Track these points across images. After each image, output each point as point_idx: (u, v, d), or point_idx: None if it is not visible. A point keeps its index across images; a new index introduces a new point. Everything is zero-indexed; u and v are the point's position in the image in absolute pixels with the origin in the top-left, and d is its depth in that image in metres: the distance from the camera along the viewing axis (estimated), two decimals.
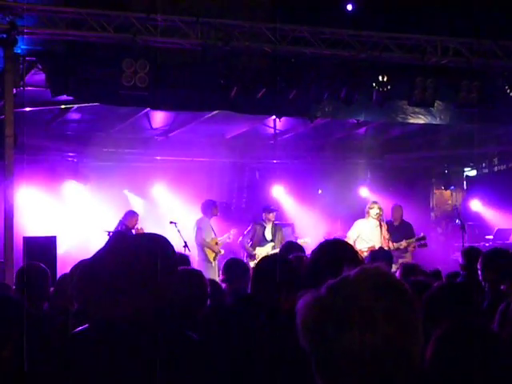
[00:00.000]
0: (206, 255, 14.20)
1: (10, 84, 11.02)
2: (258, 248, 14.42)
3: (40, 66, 11.24)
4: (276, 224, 15.23)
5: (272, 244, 14.73)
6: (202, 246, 14.22)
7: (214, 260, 14.29)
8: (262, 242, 14.77)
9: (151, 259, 3.22)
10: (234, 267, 7.40)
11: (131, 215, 14.62)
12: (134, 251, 3.26)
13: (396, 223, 15.04)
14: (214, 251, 14.30)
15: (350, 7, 13.41)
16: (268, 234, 14.90)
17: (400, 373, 1.88)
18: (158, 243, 3.35)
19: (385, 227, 14.33)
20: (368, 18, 12.24)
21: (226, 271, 7.35)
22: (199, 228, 14.39)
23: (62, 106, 13.54)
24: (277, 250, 14.32)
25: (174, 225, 14.18)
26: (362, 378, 1.87)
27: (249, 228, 15.04)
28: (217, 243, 14.51)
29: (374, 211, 14.20)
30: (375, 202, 14.63)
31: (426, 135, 16.66)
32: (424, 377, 1.92)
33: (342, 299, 1.90)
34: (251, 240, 14.78)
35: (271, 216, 15.04)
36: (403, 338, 1.88)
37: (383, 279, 1.95)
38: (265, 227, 14.93)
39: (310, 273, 3.56)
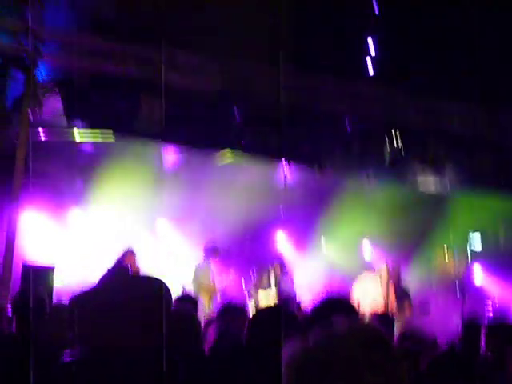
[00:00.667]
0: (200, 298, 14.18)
1: (28, 108, 11.09)
2: (260, 291, 14.36)
3: (58, 93, 11.32)
4: (281, 270, 15.24)
5: (275, 289, 14.71)
6: (196, 288, 14.21)
7: (210, 302, 14.24)
8: (266, 286, 14.75)
9: (146, 299, 3.26)
10: (230, 310, 7.13)
11: (129, 254, 14.56)
12: (130, 289, 3.29)
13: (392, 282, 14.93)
14: (207, 295, 14.26)
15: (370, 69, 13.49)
16: (272, 279, 14.91)
17: None
18: (154, 284, 3.39)
19: (391, 287, 14.21)
20: (389, 78, 12.31)
21: (222, 314, 7.07)
22: (195, 271, 14.45)
23: (77, 135, 13.60)
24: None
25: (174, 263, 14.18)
26: None
27: (252, 271, 15.05)
28: (216, 287, 14.50)
29: (384, 270, 14.09)
30: (383, 261, 14.52)
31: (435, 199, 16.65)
32: None
33: (328, 351, 1.91)
34: (255, 282, 14.81)
35: (277, 266, 15.10)
36: None
37: (370, 333, 1.97)
38: (269, 272, 14.94)
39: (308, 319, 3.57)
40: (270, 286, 14.82)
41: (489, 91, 12.62)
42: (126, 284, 3.42)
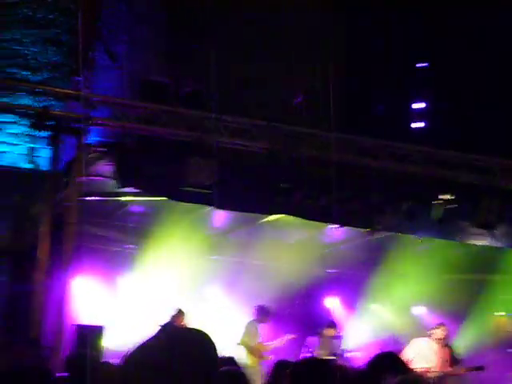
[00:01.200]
0: (248, 359, 14.13)
1: (78, 172, 11.24)
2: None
3: (109, 158, 11.45)
4: (336, 336, 15.16)
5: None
6: (245, 348, 14.17)
7: (258, 365, 14.15)
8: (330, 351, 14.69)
9: (197, 353, 3.24)
10: (279, 368, 6.91)
11: (178, 314, 14.63)
12: (181, 344, 3.27)
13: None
14: (256, 356, 14.20)
15: (420, 124, 13.50)
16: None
17: None
18: (204, 339, 3.37)
19: (448, 350, 13.97)
20: (437, 136, 12.30)
21: (273, 372, 6.99)
22: (244, 332, 14.42)
23: (127, 198, 13.71)
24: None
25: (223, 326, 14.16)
26: None
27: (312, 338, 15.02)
28: (264, 349, 14.42)
29: (439, 333, 13.89)
30: (442, 324, 14.30)
31: (485, 257, 16.39)
32: None
33: None
34: (319, 346, 14.74)
35: (332, 331, 15.04)
36: None
37: None
38: (322, 340, 14.89)
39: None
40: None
41: None
42: (175, 337, 3.40)
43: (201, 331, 3.41)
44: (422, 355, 13.82)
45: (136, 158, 11.45)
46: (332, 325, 15.18)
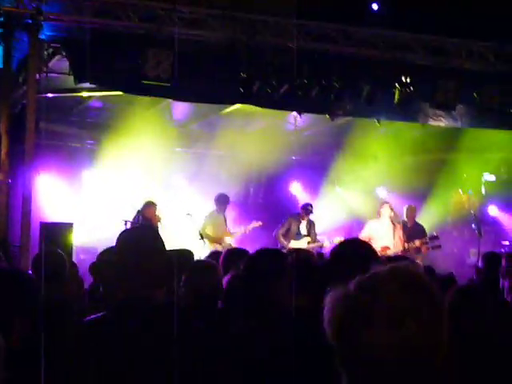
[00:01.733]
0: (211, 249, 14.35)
1: (34, 70, 11.07)
2: (292, 241, 14.42)
3: (64, 53, 11.27)
4: (310, 220, 15.29)
5: (308, 239, 14.80)
6: (206, 236, 14.37)
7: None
8: (298, 236, 14.83)
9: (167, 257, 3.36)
10: (233, 257, 6.52)
11: (149, 206, 14.70)
12: (151, 245, 3.38)
13: (409, 224, 15.09)
14: (216, 243, 14.38)
15: (375, 7, 13.37)
16: (303, 229, 14.99)
17: (424, 370, 1.90)
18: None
19: (400, 227, 14.39)
20: (393, 19, 12.20)
21: (225, 261, 6.56)
22: (203, 223, 14.58)
23: (84, 94, 13.58)
24: (313, 245, 14.44)
25: (190, 216, 14.28)
26: (386, 375, 1.88)
27: (284, 221, 15.12)
28: (228, 236, 14.63)
29: (385, 211, 14.28)
30: (386, 203, 14.73)
31: (445, 138, 16.58)
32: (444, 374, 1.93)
33: (371, 297, 1.91)
34: (286, 233, 14.88)
35: (310, 210, 15.14)
36: (429, 337, 1.90)
37: (412, 278, 1.96)
38: (300, 222, 15.02)
39: (331, 270, 3.57)
40: (301, 236, 14.88)
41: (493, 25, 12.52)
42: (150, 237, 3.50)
43: (147, 228, 3.54)
44: (376, 236, 14.20)
45: (92, 53, 11.22)
46: (309, 210, 15.32)
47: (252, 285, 4.83)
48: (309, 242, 14.70)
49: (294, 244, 14.28)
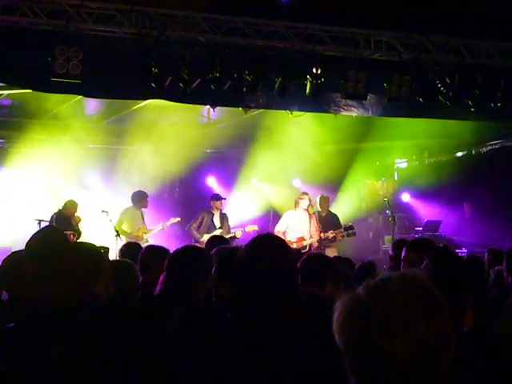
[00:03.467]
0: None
1: None
2: (205, 235, 14.42)
3: None
4: (223, 213, 15.33)
5: (220, 231, 14.82)
6: (123, 232, 14.29)
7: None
8: (211, 229, 14.86)
9: (75, 256, 3.31)
10: (150, 255, 6.52)
11: (70, 204, 14.56)
12: (59, 249, 3.32)
13: (323, 214, 15.31)
14: (133, 240, 14.33)
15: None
16: (216, 222, 15.02)
17: (435, 378, 1.97)
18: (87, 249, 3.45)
19: (316, 218, 14.58)
20: (303, 11, 12.28)
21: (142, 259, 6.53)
22: (119, 218, 14.53)
23: None
24: (226, 236, 14.46)
25: (105, 214, 14.17)
26: (399, 381, 1.94)
27: (197, 215, 15.12)
28: (145, 233, 14.57)
29: (304, 202, 14.47)
30: (305, 193, 14.90)
31: (358, 127, 16.81)
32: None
33: (383, 304, 1.95)
34: (199, 227, 14.87)
35: (219, 204, 15.19)
36: (441, 345, 1.96)
37: (423, 287, 2.01)
38: (213, 214, 15.05)
39: (247, 264, 3.59)
40: (214, 228, 14.90)
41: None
42: (58, 239, 3.45)
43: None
44: (292, 226, 14.40)
45: None
46: (219, 197, 15.37)
47: (173, 285, 4.85)
48: (221, 233, 14.76)
49: (207, 237, 14.32)
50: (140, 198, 14.83)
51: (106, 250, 4.01)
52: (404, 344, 1.91)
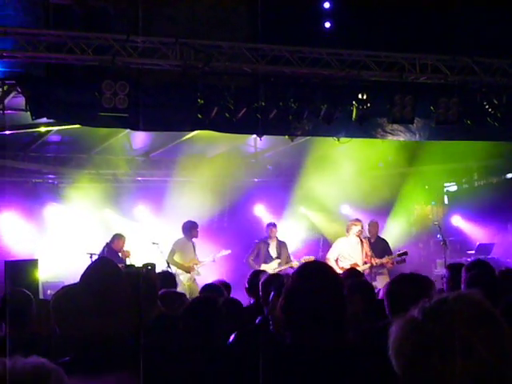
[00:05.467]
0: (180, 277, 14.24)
1: None
2: (263, 265, 14.41)
3: (19, 89, 11.19)
4: (280, 241, 15.31)
5: (278, 261, 14.83)
6: (175, 264, 14.31)
7: (191, 282, 14.30)
8: (268, 259, 14.84)
9: (128, 289, 3.30)
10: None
11: (118, 238, 14.66)
12: (112, 280, 3.32)
13: (372, 240, 15.15)
14: (185, 272, 14.34)
15: (328, 25, 13.48)
16: (273, 251, 15.01)
17: None
18: (138, 276, 3.43)
19: (367, 244, 14.46)
20: (346, 37, 12.29)
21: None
22: (171, 249, 14.53)
23: (42, 129, 13.49)
24: (284, 267, 14.44)
25: (156, 245, 14.22)
26: None
27: (253, 246, 15.14)
28: (196, 264, 14.57)
29: (356, 228, 14.36)
30: (358, 220, 14.79)
31: (406, 151, 16.71)
32: None
33: (441, 326, 1.92)
34: (256, 258, 14.87)
35: (275, 231, 15.15)
36: (502, 365, 1.92)
37: (480, 307, 1.98)
38: (269, 244, 15.06)
39: (295, 292, 3.58)
40: (271, 259, 14.90)
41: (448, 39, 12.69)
42: (112, 272, 3.45)
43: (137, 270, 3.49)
44: (345, 253, 14.30)
45: (47, 87, 11.21)
46: (274, 224, 15.38)
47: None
48: (279, 264, 14.74)
49: (264, 267, 14.28)
50: (190, 228, 14.85)
51: (153, 266, 4.02)
52: (465, 366, 1.87)
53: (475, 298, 2.00)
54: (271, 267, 14.34)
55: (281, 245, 15.24)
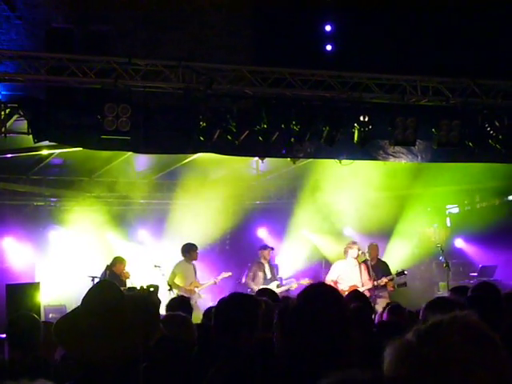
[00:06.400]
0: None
1: None
2: (262, 287, 14.35)
3: (21, 113, 11.20)
4: (272, 264, 15.31)
5: (277, 283, 14.77)
6: (175, 286, 14.26)
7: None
8: (266, 281, 14.79)
9: (132, 311, 3.28)
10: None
11: (119, 262, 14.63)
12: (115, 303, 3.30)
13: (373, 262, 15.08)
14: (185, 294, 14.29)
15: (329, 47, 13.53)
16: (268, 273, 14.98)
17: None
18: (140, 299, 3.42)
19: (366, 266, 14.45)
20: (348, 59, 12.34)
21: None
22: (172, 272, 14.50)
23: (44, 152, 13.48)
24: (283, 289, 14.40)
25: (158, 268, 14.18)
26: None
27: (248, 269, 15.10)
28: (197, 287, 14.52)
29: (353, 251, 14.39)
30: (354, 243, 14.82)
31: (408, 173, 16.68)
32: None
33: (437, 350, 1.88)
34: (253, 279, 14.85)
35: (267, 254, 15.14)
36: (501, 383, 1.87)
37: (476, 329, 1.94)
38: (263, 265, 15.01)
39: (299, 314, 3.54)
40: (269, 280, 14.87)
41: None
42: (115, 295, 3.44)
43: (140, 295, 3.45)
44: (343, 275, 14.28)
45: (48, 111, 11.21)
46: (267, 247, 15.36)
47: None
48: (278, 286, 14.68)
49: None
50: (189, 250, 14.82)
51: (156, 287, 3.98)
52: None
53: (471, 320, 1.96)
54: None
55: (273, 267, 15.27)
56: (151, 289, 3.92)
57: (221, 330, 4.84)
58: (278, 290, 14.19)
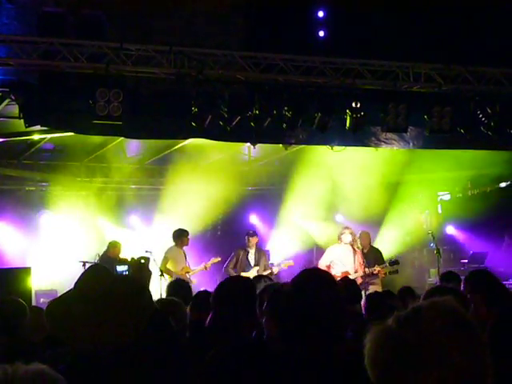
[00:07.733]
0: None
1: None
2: (242, 274, 14.36)
3: (13, 97, 11.16)
4: (261, 249, 15.28)
5: (257, 268, 14.75)
6: (165, 274, 14.26)
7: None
8: (247, 267, 14.80)
9: (122, 296, 3.28)
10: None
11: (113, 246, 14.63)
12: (106, 287, 3.30)
13: (365, 250, 15.08)
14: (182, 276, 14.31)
15: (321, 33, 13.51)
16: (251, 259, 14.96)
17: None
18: (131, 283, 3.41)
19: (359, 252, 14.45)
20: (340, 45, 12.32)
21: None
22: (164, 257, 14.49)
23: (36, 137, 13.45)
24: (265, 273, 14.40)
25: (149, 253, 14.17)
26: None
27: (232, 254, 15.08)
28: (188, 272, 14.52)
29: (346, 236, 14.36)
30: (347, 228, 14.79)
31: (399, 159, 16.69)
32: None
33: (416, 335, 1.90)
34: (235, 266, 14.82)
35: (254, 240, 15.11)
36: (478, 373, 1.90)
37: (454, 314, 1.96)
38: (248, 252, 15.02)
39: (294, 299, 3.55)
40: (250, 267, 14.85)
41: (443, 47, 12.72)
42: (105, 279, 3.43)
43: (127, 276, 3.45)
44: (337, 260, 14.28)
45: (40, 95, 11.18)
46: (253, 233, 15.35)
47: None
48: (257, 271, 14.67)
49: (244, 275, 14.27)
50: (180, 236, 14.81)
51: (146, 259, 3.99)
52: (440, 374, 1.85)
53: (449, 305, 1.98)
54: (250, 275, 14.31)
55: (260, 252, 15.24)
56: (142, 260, 3.93)
57: (219, 316, 4.84)
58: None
